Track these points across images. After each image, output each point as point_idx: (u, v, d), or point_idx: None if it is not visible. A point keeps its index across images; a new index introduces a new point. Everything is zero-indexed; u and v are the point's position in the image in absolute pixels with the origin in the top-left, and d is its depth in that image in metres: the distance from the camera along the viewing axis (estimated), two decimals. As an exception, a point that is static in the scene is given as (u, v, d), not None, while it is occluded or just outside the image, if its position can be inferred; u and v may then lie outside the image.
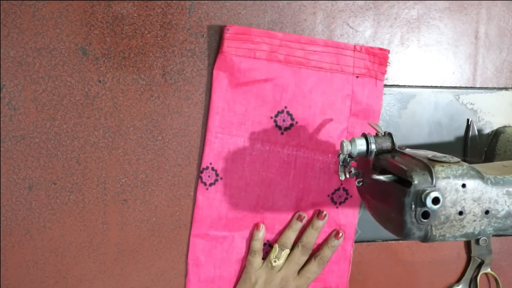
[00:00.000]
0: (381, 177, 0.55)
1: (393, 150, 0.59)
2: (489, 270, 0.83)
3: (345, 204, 0.76)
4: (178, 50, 0.69)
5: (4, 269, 0.69)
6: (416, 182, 0.51)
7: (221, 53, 0.68)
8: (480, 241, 0.82)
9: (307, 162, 0.74)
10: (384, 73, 0.74)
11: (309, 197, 0.75)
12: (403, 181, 0.53)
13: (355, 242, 0.77)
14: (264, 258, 0.74)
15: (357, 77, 0.73)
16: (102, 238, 0.71)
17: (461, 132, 0.79)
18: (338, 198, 0.75)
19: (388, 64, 0.74)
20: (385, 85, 0.75)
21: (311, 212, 0.75)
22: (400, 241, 0.80)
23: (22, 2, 0.63)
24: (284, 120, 0.72)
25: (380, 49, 0.73)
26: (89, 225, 0.70)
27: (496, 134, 0.79)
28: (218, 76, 0.70)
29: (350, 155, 0.63)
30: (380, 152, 0.60)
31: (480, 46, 0.79)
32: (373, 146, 0.59)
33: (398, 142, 0.60)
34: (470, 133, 0.78)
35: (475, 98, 0.78)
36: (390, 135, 0.60)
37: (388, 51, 0.74)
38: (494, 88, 0.80)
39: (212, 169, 0.72)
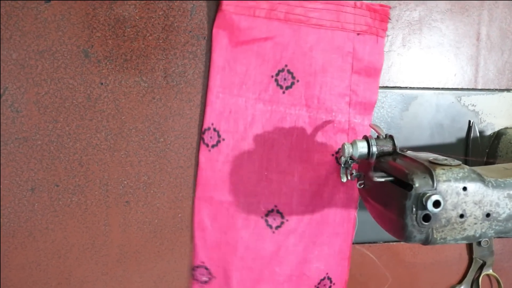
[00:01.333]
0: (381, 179, 0.56)
1: (395, 153, 0.60)
2: (491, 271, 0.83)
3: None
4: (180, 53, 0.69)
5: (6, 271, 0.69)
6: (417, 185, 0.51)
7: (220, 11, 0.67)
8: (482, 243, 0.82)
9: (310, 121, 0.73)
10: (385, 29, 0.73)
11: (313, 157, 0.73)
12: (404, 184, 0.53)
13: (356, 243, 0.77)
14: (271, 225, 0.74)
15: (358, 34, 0.72)
16: (104, 240, 0.71)
17: (463, 133, 0.79)
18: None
19: (389, 20, 0.73)
20: (387, 87, 0.76)
21: (316, 173, 0.74)
22: (402, 243, 0.80)
23: (24, 5, 0.64)
24: (285, 79, 0.71)
25: (381, 5, 0.72)
26: (92, 227, 0.71)
27: (498, 135, 0.79)
28: (218, 34, 0.69)
29: (351, 157, 0.63)
30: (381, 154, 0.60)
31: (482, 48, 0.79)
32: (374, 149, 0.60)
33: (399, 144, 0.60)
34: (472, 134, 0.78)
35: (477, 100, 0.78)
36: (391, 137, 0.60)
37: (389, 7, 0.73)
38: (496, 89, 0.80)
39: (214, 129, 0.71)
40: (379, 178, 0.55)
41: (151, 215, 0.72)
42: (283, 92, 0.72)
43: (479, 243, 0.82)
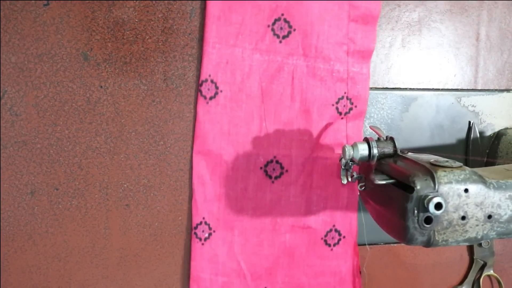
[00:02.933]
0: (383, 181, 0.55)
1: (395, 155, 0.59)
2: (491, 272, 0.83)
3: (350, 114, 0.74)
4: (179, 55, 0.69)
5: (6, 275, 0.69)
6: (418, 187, 0.51)
7: None
8: (483, 243, 0.82)
9: (308, 71, 0.72)
10: None
11: (313, 107, 0.73)
12: (406, 186, 0.53)
13: (357, 245, 0.77)
14: (270, 175, 0.73)
15: None
16: (104, 243, 0.71)
17: (463, 134, 0.78)
18: (343, 107, 0.74)
19: None
20: (387, 88, 0.76)
21: (316, 124, 0.73)
22: (402, 244, 0.80)
23: (23, 8, 0.63)
24: (281, 28, 0.70)
25: None
26: (92, 230, 0.70)
27: (498, 136, 0.79)
28: None
29: (352, 160, 0.63)
30: (382, 156, 0.60)
31: (482, 48, 0.79)
32: (375, 151, 0.60)
33: (400, 145, 0.60)
34: (472, 135, 0.78)
35: (477, 100, 0.78)
36: (392, 139, 0.60)
37: None
38: (496, 90, 0.80)
39: (212, 81, 0.70)
40: (380, 181, 0.55)
41: (151, 218, 0.72)
42: (280, 42, 0.71)
43: (480, 244, 0.82)
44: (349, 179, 0.67)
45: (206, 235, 0.73)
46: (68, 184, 0.69)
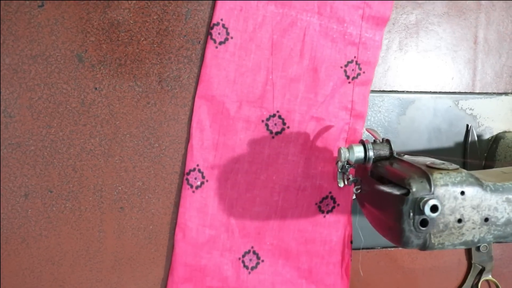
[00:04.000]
0: (386, 189, 0.55)
1: (391, 157, 0.59)
2: (490, 277, 0.82)
3: (357, 80, 0.73)
4: (174, 57, 0.68)
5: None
6: (414, 189, 0.50)
7: None
8: (481, 248, 0.81)
9: (320, 29, 0.71)
10: None
11: (322, 66, 0.72)
12: (402, 188, 0.52)
13: (354, 249, 0.77)
14: (271, 130, 0.72)
15: None
16: (99, 246, 0.71)
17: (461, 137, 0.78)
18: (351, 71, 0.73)
19: None
20: (384, 91, 0.75)
21: (323, 83, 0.72)
22: (400, 248, 0.79)
23: (18, 9, 0.63)
24: None
25: None
26: (86, 233, 0.70)
27: (496, 139, 0.78)
28: None
29: (348, 162, 0.63)
30: (378, 159, 0.59)
31: (479, 51, 0.78)
32: (371, 153, 0.59)
33: (397, 148, 0.60)
34: (470, 138, 0.78)
35: (475, 104, 0.78)
36: (388, 141, 0.60)
37: None
38: (494, 93, 0.79)
39: (223, 26, 0.69)
40: (383, 188, 0.54)
41: (146, 221, 0.71)
42: None
43: (478, 249, 0.81)
44: (346, 182, 0.67)
45: (198, 183, 0.71)
46: (62, 186, 0.68)
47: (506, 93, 0.79)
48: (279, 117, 0.72)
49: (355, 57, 0.73)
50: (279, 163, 0.73)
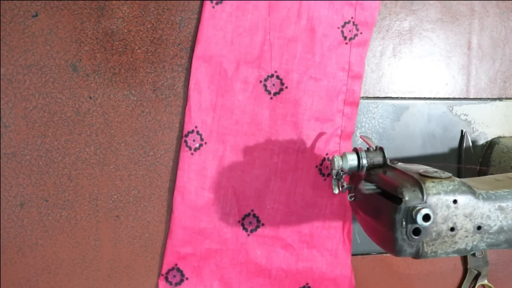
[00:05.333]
0: (370, 191, 0.55)
1: (385, 165, 0.59)
2: (486, 281, 0.83)
3: (354, 41, 0.73)
4: (168, 65, 0.68)
5: (-4, 287, 0.69)
6: (406, 198, 0.50)
7: None
8: (477, 253, 0.81)
9: None
10: None
11: (319, 27, 0.72)
12: (394, 197, 0.52)
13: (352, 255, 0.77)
14: (269, 90, 0.72)
15: None
16: (94, 255, 0.71)
17: (455, 143, 0.78)
18: (348, 32, 0.73)
19: None
20: (378, 97, 0.75)
21: (321, 43, 0.72)
22: (395, 254, 0.79)
23: (12, 19, 0.63)
24: None
25: None
26: (82, 242, 0.70)
27: (491, 145, 0.78)
28: None
29: (342, 170, 0.63)
30: (371, 167, 0.59)
31: (473, 57, 0.78)
32: (364, 161, 0.59)
33: (391, 154, 0.60)
34: (464, 144, 0.78)
35: (469, 109, 0.78)
36: (381, 149, 0.60)
37: None
38: (488, 98, 0.79)
39: None
40: (368, 190, 0.55)
41: (142, 229, 0.71)
42: None
43: (473, 254, 0.82)
44: (340, 189, 0.67)
45: (197, 145, 0.71)
46: (58, 195, 0.68)
47: (500, 99, 0.80)
48: (277, 77, 0.72)
49: (352, 17, 0.72)
50: (278, 124, 0.72)
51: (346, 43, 0.73)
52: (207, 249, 0.73)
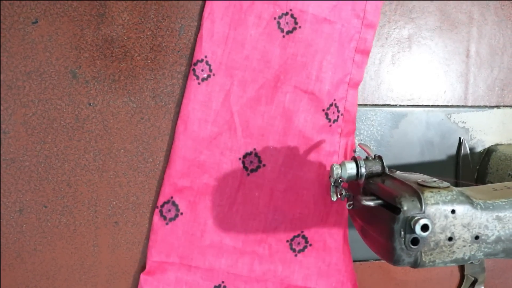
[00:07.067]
0: (370, 202, 0.55)
1: (383, 174, 0.59)
2: (482, 288, 0.83)
3: None
4: (168, 72, 0.69)
5: (-6, 293, 0.69)
6: (405, 208, 0.51)
7: None
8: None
9: None
10: None
11: None
12: (393, 207, 0.52)
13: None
14: (282, 28, 0.71)
15: None
16: (93, 261, 0.71)
17: (453, 151, 0.78)
18: None
19: None
20: (376, 105, 0.76)
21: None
22: (393, 260, 0.80)
23: (11, 26, 0.63)
24: None
25: None
26: (80, 247, 0.70)
27: (488, 152, 0.79)
28: None
29: (340, 178, 0.63)
30: (370, 175, 0.60)
31: (471, 65, 0.79)
32: (363, 170, 0.59)
33: (389, 162, 0.60)
34: (462, 151, 0.78)
35: (467, 117, 0.78)
36: (380, 158, 0.60)
37: None
38: (486, 106, 0.80)
39: None
40: (368, 202, 0.55)
41: (140, 235, 0.71)
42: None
43: (470, 260, 0.82)
44: (338, 196, 0.67)
45: (205, 75, 0.70)
46: (57, 201, 0.68)
47: (498, 106, 0.80)
48: (292, 16, 0.71)
49: None
50: (288, 63, 0.72)
51: None
52: (205, 184, 0.72)
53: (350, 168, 0.60)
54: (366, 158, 0.61)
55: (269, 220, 0.74)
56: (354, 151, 0.75)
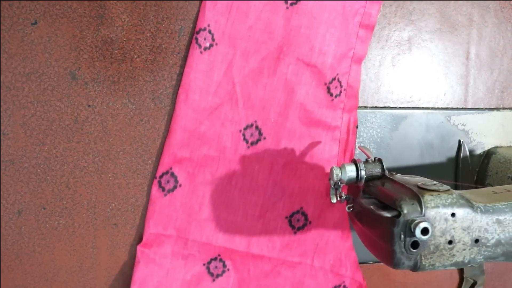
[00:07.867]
0: (370, 205, 0.55)
1: (383, 177, 0.59)
2: (482, 290, 0.83)
3: None
4: (167, 74, 0.68)
5: (-7, 295, 0.69)
6: (405, 211, 0.50)
7: None
8: (473, 262, 0.82)
9: None
10: None
11: None
12: (393, 210, 0.52)
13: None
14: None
15: None
16: (92, 263, 0.71)
17: (453, 153, 0.78)
18: None
19: None
20: (376, 107, 0.75)
21: None
22: (392, 263, 0.80)
23: (11, 27, 0.63)
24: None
25: None
26: (79, 249, 0.70)
27: (488, 154, 0.79)
28: None
29: (340, 180, 0.63)
30: (370, 178, 0.60)
31: (471, 67, 0.79)
32: (363, 173, 0.59)
33: (389, 164, 0.60)
34: (462, 154, 0.78)
35: (467, 119, 0.78)
36: (380, 161, 0.60)
37: None
38: (486, 108, 0.80)
39: None
40: (367, 204, 0.55)
41: (139, 237, 0.71)
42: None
43: (470, 263, 0.82)
44: (338, 199, 0.67)
45: (207, 44, 0.69)
46: (56, 203, 0.68)
47: (497, 109, 0.80)
48: None
49: None
50: (291, 35, 0.71)
51: None
52: (204, 155, 0.71)
53: (350, 171, 0.60)
54: (366, 161, 0.60)
55: (268, 195, 0.74)
56: (357, 127, 0.75)
